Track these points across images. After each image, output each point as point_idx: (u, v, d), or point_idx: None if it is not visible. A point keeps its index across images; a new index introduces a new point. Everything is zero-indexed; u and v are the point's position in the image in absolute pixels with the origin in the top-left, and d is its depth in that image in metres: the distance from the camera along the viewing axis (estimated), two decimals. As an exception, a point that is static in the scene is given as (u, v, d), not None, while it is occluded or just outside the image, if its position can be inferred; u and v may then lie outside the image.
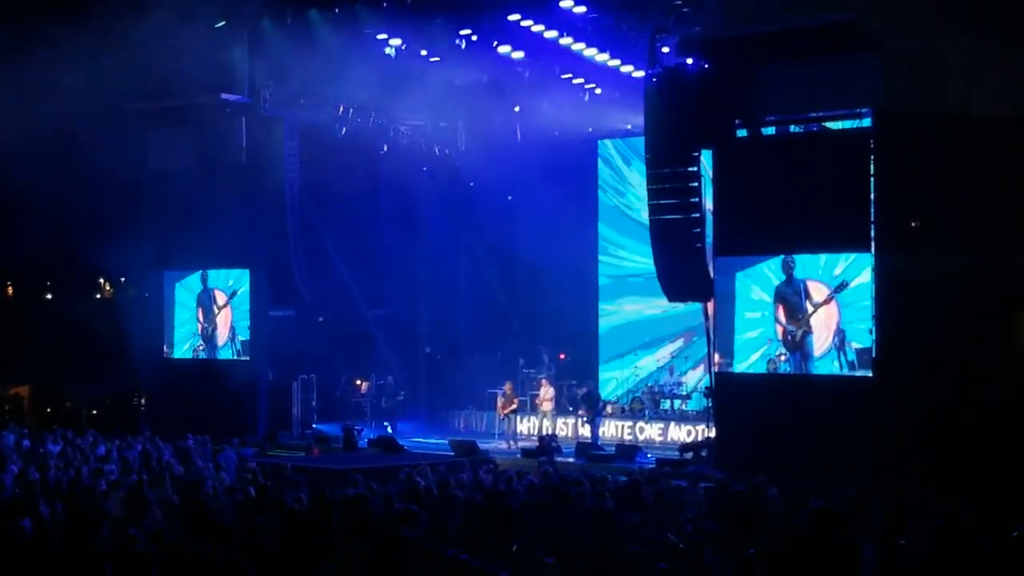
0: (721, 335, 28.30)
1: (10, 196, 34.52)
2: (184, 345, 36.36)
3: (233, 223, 34.56)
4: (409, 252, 40.31)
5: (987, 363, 25.11)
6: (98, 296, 43.88)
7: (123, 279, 43.05)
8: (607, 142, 38.37)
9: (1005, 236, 25.26)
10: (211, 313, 35.80)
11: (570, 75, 33.70)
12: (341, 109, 35.66)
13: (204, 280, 36.03)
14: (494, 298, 39.68)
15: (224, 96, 33.99)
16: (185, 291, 36.35)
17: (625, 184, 37.92)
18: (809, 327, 26.93)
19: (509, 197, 39.48)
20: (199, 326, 36.00)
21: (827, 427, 25.72)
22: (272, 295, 35.07)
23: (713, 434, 29.03)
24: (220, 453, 27.05)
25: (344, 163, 37.09)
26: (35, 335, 38.71)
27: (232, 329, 35.39)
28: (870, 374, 25.94)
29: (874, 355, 25.85)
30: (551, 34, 31.06)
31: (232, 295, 35.27)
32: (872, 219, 25.84)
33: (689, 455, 29.10)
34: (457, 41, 31.86)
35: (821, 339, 26.83)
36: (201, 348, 35.89)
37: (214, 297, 35.72)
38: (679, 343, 36.42)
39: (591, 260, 38.50)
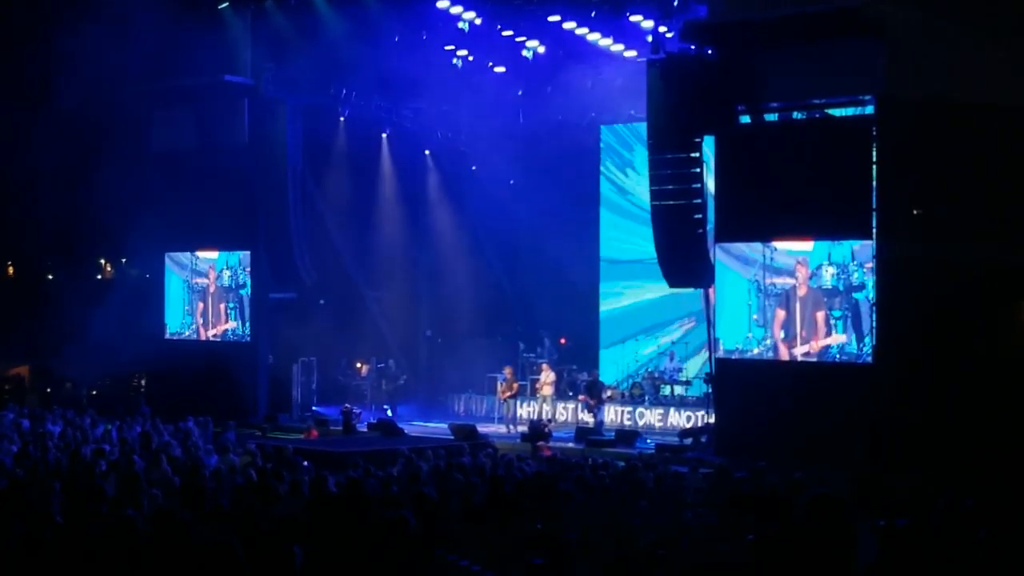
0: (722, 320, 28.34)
1: (12, 176, 34.53)
2: (180, 325, 36.41)
3: (235, 205, 34.59)
4: (411, 235, 40.31)
5: (988, 350, 25.10)
6: (99, 276, 43.86)
7: (124, 260, 43.05)
8: (610, 127, 38.35)
9: (1007, 224, 25.25)
10: (205, 294, 35.85)
11: (574, 60, 33.65)
12: (344, 92, 35.63)
13: (196, 261, 36.10)
14: (495, 282, 39.71)
15: (227, 78, 34.00)
16: (179, 271, 36.39)
17: (627, 169, 37.92)
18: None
19: (511, 181, 39.49)
20: (194, 307, 36.09)
21: (827, 414, 25.73)
22: (273, 277, 35.04)
23: (713, 420, 29.05)
24: (222, 435, 27.08)
25: (346, 146, 37.12)
26: (36, 315, 38.69)
27: (226, 311, 35.45)
28: (871, 360, 25.95)
29: (874, 342, 25.84)
30: (554, 18, 31.04)
31: (221, 275, 35.43)
32: (874, 206, 25.83)
33: (689, 441, 29.10)
34: (460, 25, 31.86)
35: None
36: (197, 329, 35.97)
37: (208, 277, 35.77)
38: (680, 329, 36.44)
39: (593, 245, 38.53)
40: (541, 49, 33.31)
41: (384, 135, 38.86)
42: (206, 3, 33.54)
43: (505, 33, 32.24)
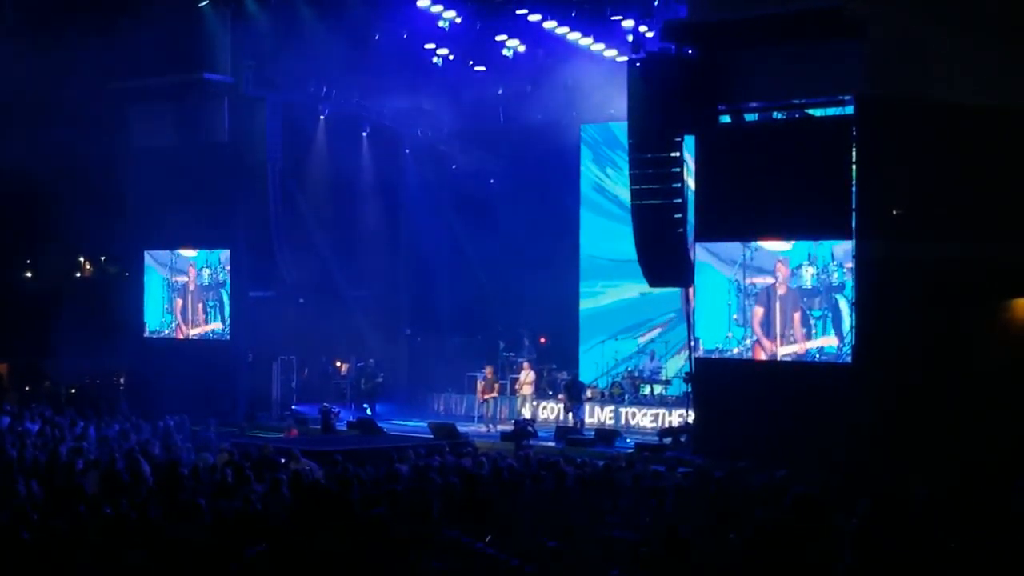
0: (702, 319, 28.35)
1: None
2: (160, 323, 36.32)
3: (215, 203, 34.55)
4: (391, 234, 40.30)
5: (968, 350, 25.17)
6: (78, 274, 43.73)
7: (104, 257, 42.95)
8: (590, 127, 38.34)
9: (986, 224, 25.31)
10: (184, 292, 35.76)
11: (554, 59, 33.63)
12: (324, 90, 35.60)
13: (176, 259, 35.99)
14: (475, 281, 39.65)
15: (207, 75, 33.96)
16: (159, 269, 36.29)
17: (608, 169, 37.92)
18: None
19: (491, 180, 39.47)
20: (173, 305, 36.02)
21: (807, 413, 25.73)
22: (253, 275, 34.95)
23: (692, 419, 29.06)
24: (202, 433, 27.03)
25: (326, 144, 37.10)
26: (15, 313, 38.55)
27: (206, 309, 35.38)
28: (850, 360, 25.98)
29: (854, 342, 25.87)
30: (535, 17, 31.03)
31: (200, 273, 35.39)
32: (853, 206, 25.84)
33: (668, 440, 29.11)
34: (440, 23, 31.82)
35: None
36: (177, 327, 35.88)
37: (188, 275, 35.70)
38: (660, 328, 36.45)
39: (573, 244, 38.49)
40: (522, 48, 33.28)
41: (364, 133, 38.83)
42: (186, 1, 33.48)
43: (485, 32, 32.20)
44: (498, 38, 32.52)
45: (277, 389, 35.44)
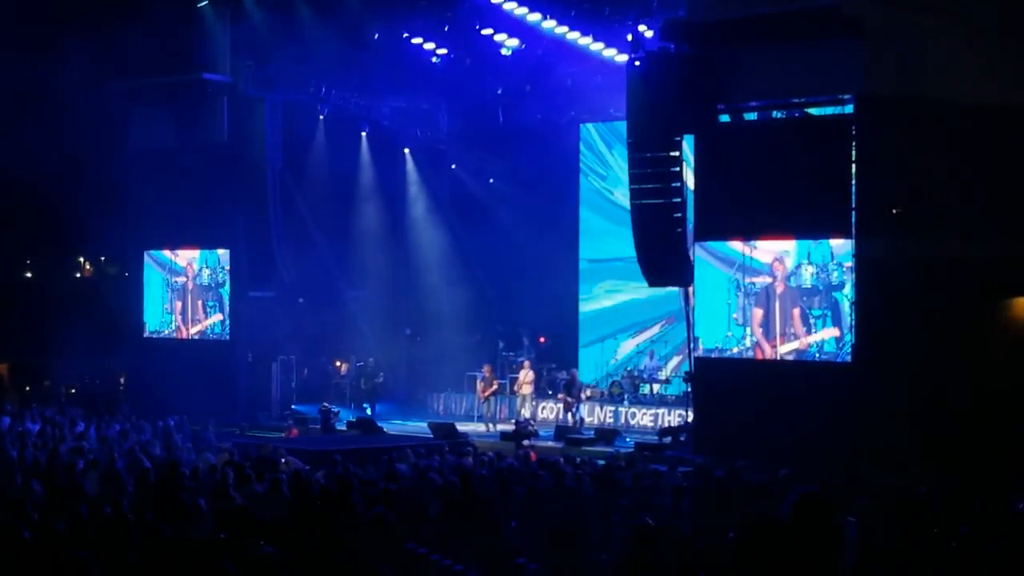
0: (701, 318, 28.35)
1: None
2: (160, 323, 36.32)
3: (214, 203, 34.56)
4: (390, 234, 40.27)
5: (967, 349, 25.16)
6: (78, 275, 43.75)
7: (103, 258, 42.96)
8: (589, 126, 38.35)
9: (986, 223, 25.31)
10: (183, 292, 35.76)
11: (553, 58, 33.62)
12: (323, 90, 35.61)
13: (175, 259, 35.98)
14: (475, 281, 39.65)
15: (206, 76, 34.00)
16: (159, 269, 36.28)
17: (607, 168, 37.93)
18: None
19: (491, 180, 39.47)
20: (173, 305, 36.02)
21: (807, 412, 25.69)
22: (252, 275, 34.96)
23: (692, 418, 29.06)
24: (202, 433, 27.02)
25: (325, 144, 37.12)
26: (15, 313, 38.58)
27: (205, 309, 35.38)
28: (850, 359, 25.97)
29: (854, 341, 25.86)
30: (534, 17, 31.02)
31: (200, 273, 35.40)
32: (853, 205, 25.82)
33: (668, 440, 29.10)
34: (440, 23, 31.84)
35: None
36: (177, 327, 35.88)
37: (186, 275, 35.71)
38: (659, 327, 36.45)
39: (572, 244, 38.50)
40: (521, 47, 33.27)
41: (363, 133, 38.84)
42: (185, 1, 33.50)
43: (484, 31, 32.20)
44: (497, 37, 32.49)
45: (277, 389, 35.45)
